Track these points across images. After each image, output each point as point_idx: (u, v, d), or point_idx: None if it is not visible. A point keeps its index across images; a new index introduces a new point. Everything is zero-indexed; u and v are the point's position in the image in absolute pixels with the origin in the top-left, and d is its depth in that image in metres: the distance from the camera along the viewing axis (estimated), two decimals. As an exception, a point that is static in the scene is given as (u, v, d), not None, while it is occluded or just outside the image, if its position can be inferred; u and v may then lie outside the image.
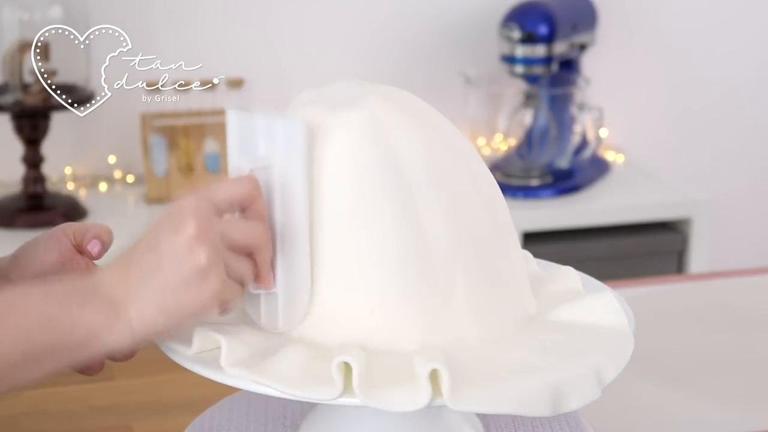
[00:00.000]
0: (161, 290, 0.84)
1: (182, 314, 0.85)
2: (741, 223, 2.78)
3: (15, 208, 2.23)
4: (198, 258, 0.84)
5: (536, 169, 2.43)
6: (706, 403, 1.22)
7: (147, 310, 0.84)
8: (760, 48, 2.73)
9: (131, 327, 0.85)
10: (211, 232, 0.85)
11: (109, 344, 0.85)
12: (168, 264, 0.84)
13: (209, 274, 0.84)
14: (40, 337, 0.83)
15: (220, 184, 0.88)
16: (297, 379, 0.86)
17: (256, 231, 0.88)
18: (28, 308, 0.84)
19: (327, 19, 2.50)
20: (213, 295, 0.85)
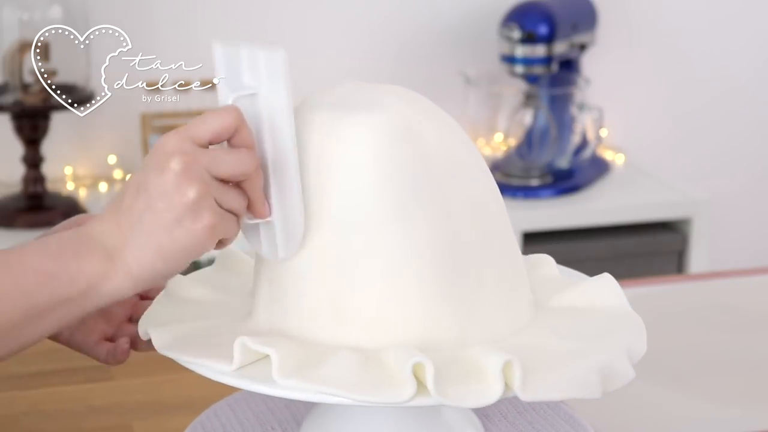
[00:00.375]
0: (155, 232, 0.83)
1: (180, 253, 0.84)
2: (741, 223, 2.78)
3: (15, 208, 2.23)
4: (187, 194, 0.83)
5: (536, 169, 2.44)
6: (706, 403, 1.22)
7: (144, 254, 0.84)
8: (759, 48, 2.73)
9: (130, 273, 0.84)
10: (196, 166, 0.84)
11: (109, 292, 0.85)
12: (158, 204, 0.83)
13: (201, 209, 0.83)
14: (40, 294, 0.83)
15: (202, 117, 0.87)
16: (360, 384, 0.85)
17: (242, 159, 0.86)
18: (25, 266, 0.83)
19: (327, 19, 2.50)
20: (208, 230, 0.84)
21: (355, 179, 0.90)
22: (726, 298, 1.49)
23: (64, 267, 0.84)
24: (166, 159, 0.84)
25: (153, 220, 0.84)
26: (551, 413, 1.06)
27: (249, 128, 0.88)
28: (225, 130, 0.87)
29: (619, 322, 0.96)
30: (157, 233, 0.84)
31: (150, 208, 0.84)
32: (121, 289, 0.85)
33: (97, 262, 0.84)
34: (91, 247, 0.84)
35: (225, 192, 0.86)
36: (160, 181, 0.83)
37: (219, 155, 0.86)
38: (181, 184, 0.83)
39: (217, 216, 0.84)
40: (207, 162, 0.85)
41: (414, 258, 0.90)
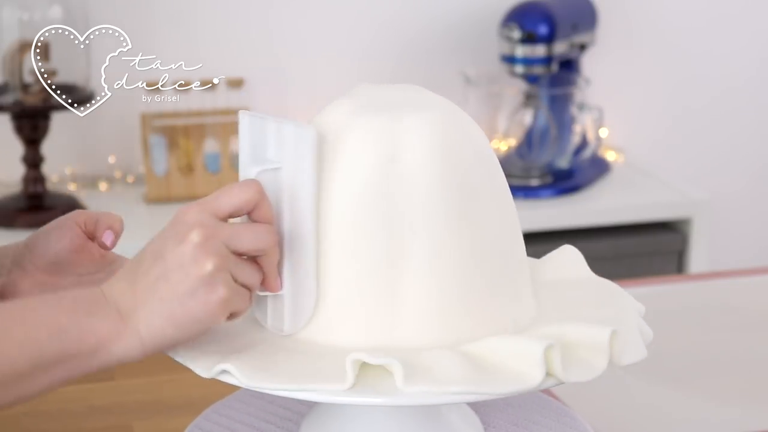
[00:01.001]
0: (169, 300, 0.84)
1: (191, 323, 0.85)
2: (741, 223, 2.78)
3: (15, 208, 2.23)
4: (203, 266, 0.84)
5: (536, 169, 2.43)
6: (706, 403, 1.22)
7: (155, 320, 0.85)
8: (759, 48, 2.73)
9: (140, 337, 0.85)
10: (215, 239, 0.85)
11: (117, 354, 0.85)
12: (174, 274, 0.84)
13: (216, 282, 0.84)
14: (49, 347, 0.83)
15: (223, 190, 0.88)
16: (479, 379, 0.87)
17: (262, 235, 0.87)
18: (38, 318, 0.84)
19: (327, 19, 2.50)
20: (221, 303, 0.85)
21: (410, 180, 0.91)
22: (726, 298, 1.49)
23: (76, 323, 0.84)
24: (186, 230, 0.85)
25: (167, 288, 0.85)
26: (551, 413, 1.06)
27: (269, 203, 0.89)
28: (246, 204, 0.88)
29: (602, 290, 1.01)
30: (171, 302, 0.84)
31: (165, 276, 0.85)
32: (129, 351, 0.85)
33: (108, 322, 0.85)
34: (105, 307, 0.85)
35: (241, 267, 0.87)
36: (177, 251, 0.85)
37: (239, 231, 0.87)
38: (199, 257, 0.84)
39: (231, 290, 0.85)
40: (226, 237, 0.86)
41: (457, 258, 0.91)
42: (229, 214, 0.87)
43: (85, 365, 0.85)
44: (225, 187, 0.89)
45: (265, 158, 0.91)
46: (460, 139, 0.94)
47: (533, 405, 1.07)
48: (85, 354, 0.84)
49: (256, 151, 0.91)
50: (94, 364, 0.85)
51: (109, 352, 0.85)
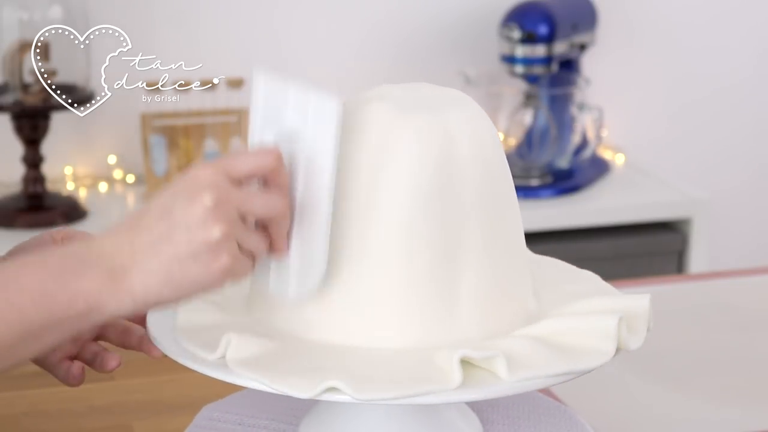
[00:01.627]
0: (169, 260, 0.82)
1: (189, 287, 0.83)
2: (741, 223, 2.78)
3: (15, 208, 2.23)
4: (211, 232, 0.82)
5: (536, 169, 2.43)
6: (706, 403, 1.22)
7: (152, 280, 0.82)
8: (758, 48, 2.73)
9: (133, 295, 0.83)
10: (228, 204, 0.83)
11: (109, 312, 0.83)
12: (180, 234, 0.82)
13: (221, 250, 0.83)
14: (36, 314, 0.81)
15: (241, 155, 0.86)
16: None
17: (273, 203, 0.86)
18: (22, 285, 0.82)
19: (327, 18, 2.50)
20: (223, 271, 0.83)
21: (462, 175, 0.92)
22: (726, 298, 1.49)
23: (62, 287, 0.82)
24: (199, 190, 0.83)
25: (171, 248, 0.82)
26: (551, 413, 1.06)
27: (286, 171, 0.87)
28: (262, 170, 0.86)
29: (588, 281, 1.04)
30: (171, 262, 0.82)
31: (170, 236, 0.82)
32: (120, 310, 0.83)
33: (98, 282, 0.82)
34: (95, 265, 0.82)
35: (248, 234, 0.85)
36: (188, 211, 0.82)
37: (251, 197, 0.85)
38: (208, 221, 0.82)
39: (234, 258, 0.84)
40: (239, 202, 0.84)
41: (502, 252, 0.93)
42: (244, 177, 0.85)
43: (75, 327, 0.83)
44: (242, 150, 0.87)
45: (281, 122, 0.89)
46: (491, 132, 0.95)
47: (533, 405, 1.07)
48: (74, 317, 0.82)
49: (270, 113, 0.90)
50: (84, 324, 0.83)
51: (100, 311, 0.83)
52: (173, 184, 0.84)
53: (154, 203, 0.84)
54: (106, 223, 2.23)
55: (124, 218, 0.85)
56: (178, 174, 2.30)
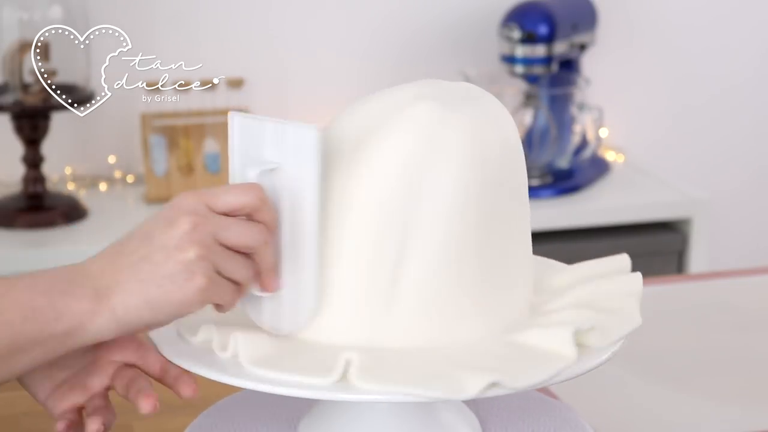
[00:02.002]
0: (147, 281, 0.85)
1: (167, 307, 0.86)
2: (741, 223, 2.78)
3: (15, 208, 2.23)
4: (186, 252, 0.85)
5: (536, 169, 2.44)
6: (706, 403, 1.22)
7: (132, 300, 0.85)
8: (759, 47, 2.73)
9: (115, 316, 0.85)
10: (203, 228, 0.86)
11: (92, 333, 0.86)
12: (157, 256, 0.85)
13: (196, 270, 0.85)
14: (24, 329, 0.84)
15: (225, 188, 0.89)
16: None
17: (250, 232, 0.88)
18: (12, 300, 0.84)
19: (327, 18, 2.50)
20: (198, 291, 0.86)
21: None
22: (726, 298, 1.49)
23: (50, 303, 0.85)
24: (177, 216, 0.86)
25: (148, 269, 0.85)
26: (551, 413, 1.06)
27: (271, 208, 0.89)
28: (244, 207, 0.88)
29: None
30: (149, 283, 0.85)
31: (148, 257, 0.86)
32: (104, 331, 0.86)
33: (83, 301, 0.85)
34: (81, 285, 0.86)
35: (226, 259, 0.87)
36: (165, 235, 0.86)
37: (228, 224, 0.87)
38: (183, 243, 0.85)
39: (210, 280, 0.86)
40: (214, 227, 0.86)
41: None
42: (225, 212, 0.88)
43: (62, 345, 0.86)
44: (227, 185, 0.90)
45: (261, 159, 0.90)
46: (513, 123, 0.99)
47: (533, 404, 1.07)
48: (60, 334, 0.85)
49: (249, 152, 0.91)
50: (70, 343, 0.86)
51: (85, 330, 0.86)
52: (157, 212, 0.88)
53: (138, 229, 0.88)
54: (106, 223, 2.23)
55: (114, 241, 0.89)
56: (178, 174, 2.31)
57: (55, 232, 2.18)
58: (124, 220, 2.26)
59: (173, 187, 2.32)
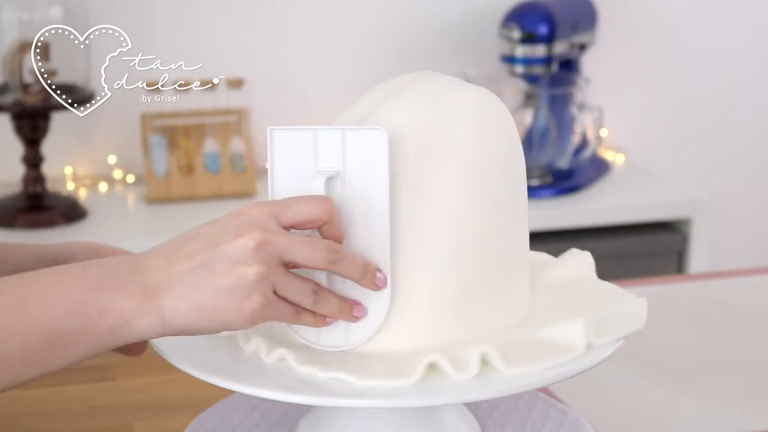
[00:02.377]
0: (203, 289, 0.83)
1: (217, 320, 0.84)
2: (741, 223, 2.78)
3: (15, 208, 2.23)
4: (248, 272, 0.83)
5: (536, 169, 2.43)
6: (706, 403, 1.22)
7: (184, 305, 0.84)
8: (758, 47, 2.73)
9: (163, 318, 0.84)
10: (269, 247, 0.84)
11: (137, 331, 0.84)
12: (218, 267, 0.83)
13: (254, 291, 0.83)
14: (67, 323, 0.83)
15: (295, 200, 0.87)
16: None
17: (318, 253, 0.85)
18: (58, 293, 0.83)
19: (327, 18, 2.50)
20: (252, 311, 0.84)
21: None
22: (726, 298, 1.49)
23: (96, 299, 0.83)
24: (246, 228, 0.84)
25: (207, 277, 0.83)
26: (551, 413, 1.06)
27: (339, 221, 0.87)
28: (315, 221, 0.86)
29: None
30: (205, 291, 0.83)
31: (209, 266, 0.83)
32: (148, 331, 0.84)
33: (132, 300, 0.84)
34: (132, 282, 0.84)
35: (287, 281, 0.85)
36: (231, 246, 0.83)
37: (296, 244, 0.85)
38: (248, 261, 0.83)
39: (266, 301, 0.84)
40: (283, 248, 0.84)
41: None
42: (294, 225, 0.86)
43: (106, 341, 0.84)
44: (297, 196, 0.87)
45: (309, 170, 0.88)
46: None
47: (533, 405, 1.07)
48: (105, 330, 0.84)
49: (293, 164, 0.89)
50: (115, 340, 0.84)
51: (129, 329, 0.84)
52: (225, 216, 0.86)
53: (201, 231, 0.85)
54: (106, 223, 2.23)
55: (172, 239, 0.86)
56: (178, 174, 2.31)
57: (55, 232, 2.18)
58: (124, 220, 2.26)
59: (173, 187, 2.32)
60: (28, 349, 0.83)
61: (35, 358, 0.83)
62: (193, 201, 2.32)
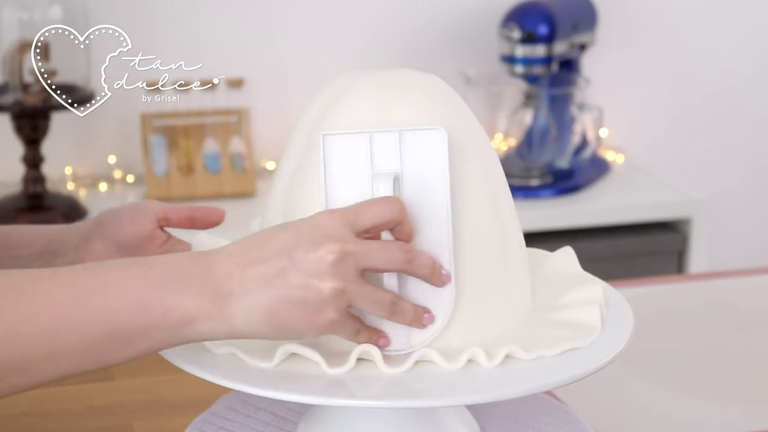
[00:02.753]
0: (278, 299, 0.83)
1: (287, 331, 0.84)
2: (741, 223, 2.78)
3: (15, 208, 2.23)
4: (324, 284, 0.83)
5: (536, 169, 2.43)
6: (706, 403, 1.22)
7: (256, 314, 0.83)
8: (758, 47, 2.73)
9: (231, 322, 0.83)
10: (348, 260, 0.83)
11: (203, 333, 0.84)
12: (294, 278, 0.83)
13: (330, 305, 0.83)
14: (129, 320, 0.82)
15: (366, 205, 0.86)
16: None
17: (394, 255, 0.85)
18: (120, 290, 0.82)
19: (327, 18, 2.50)
20: (325, 325, 0.84)
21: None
22: (726, 298, 1.49)
23: (161, 299, 0.83)
24: (324, 240, 0.83)
25: (281, 288, 0.83)
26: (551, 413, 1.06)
27: (411, 222, 0.87)
28: (389, 223, 0.86)
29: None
30: (279, 302, 0.83)
31: (284, 276, 0.83)
32: (215, 333, 0.84)
33: (200, 302, 0.83)
34: (199, 285, 0.83)
35: (364, 293, 0.85)
36: (309, 257, 0.83)
37: (372, 250, 0.84)
38: (326, 274, 0.83)
39: (341, 317, 0.84)
40: (361, 257, 0.84)
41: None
42: (369, 229, 0.86)
43: (169, 339, 0.84)
44: (367, 201, 0.87)
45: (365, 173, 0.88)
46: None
47: (533, 405, 1.07)
48: (167, 329, 0.83)
49: (346, 169, 0.89)
50: (177, 338, 0.84)
51: (194, 329, 0.83)
52: (299, 224, 0.85)
53: (275, 237, 0.84)
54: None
55: (240, 241, 0.86)
56: (178, 174, 2.31)
57: (55, 232, 2.18)
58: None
59: (173, 187, 2.32)
60: (87, 341, 0.82)
61: (94, 351, 0.83)
62: (193, 201, 2.32)
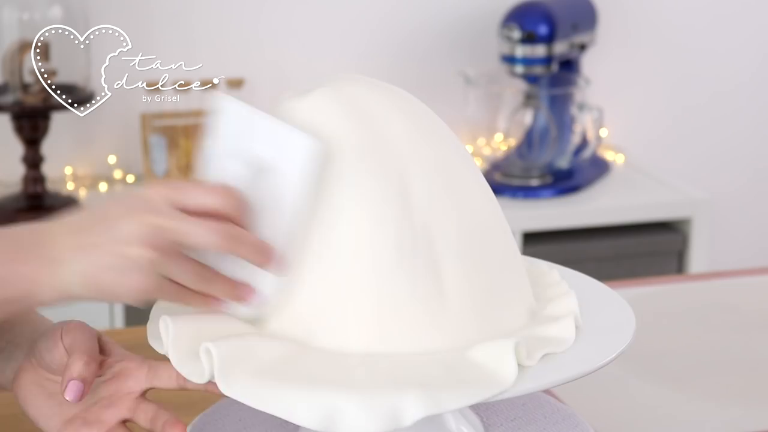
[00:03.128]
0: (93, 265, 0.86)
1: (109, 294, 0.87)
2: (741, 223, 2.78)
3: (15, 208, 2.23)
4: (133, 251, 0.85)
5: (536, 169, 2.44)
6: (706, 403, 1.22)
7: (74, 279, 0.86)
8: (759, 47, 2.73)
9: (59, 289, 0.87)
10: (159, 232, 0.85)
11: (40, 299, 0.88)
12: (109, 244, 0.86)
13: (138, 270, 0.85)
14: None
15: (196, 187, 0.88)
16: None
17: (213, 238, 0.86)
18: None
19: (326, 18, 2.50)
20: (137, 289, 0.86)
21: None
22: (726, 298, 1.49)
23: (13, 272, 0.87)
24: (138, 210, 0.86)
25: (97, 255, 0.86)
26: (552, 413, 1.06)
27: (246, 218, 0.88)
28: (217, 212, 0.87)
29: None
30: (92, 267, 0.86)
31: (100, 244, 0.86)
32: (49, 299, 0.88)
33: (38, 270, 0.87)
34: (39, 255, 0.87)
35: (174, 264, 0.86)
36: (122, 226, 0.86)
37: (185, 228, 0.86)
38: (133, 241, 0.85)
39: (152, 281, 0.86)
40: (174, 231, 0.86)
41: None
42: (194, 211, 0.87)
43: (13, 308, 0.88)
44: (203, 184, 0.89)
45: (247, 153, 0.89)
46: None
47: (534, 405, 1.07)
48: (17, 299, 0.87)
49: (235, 142, 0.89)
50: (21, 306, 0.89)
51: (34, 297, 0.87)
52: (130, 195, 0.88)
53: (103, 208, 0.88)
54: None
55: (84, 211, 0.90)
56: (178, 174, 2.31)
57: (55, 232, 2.18)
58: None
59: (173, 187, 2.32)
60: None
61: None
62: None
